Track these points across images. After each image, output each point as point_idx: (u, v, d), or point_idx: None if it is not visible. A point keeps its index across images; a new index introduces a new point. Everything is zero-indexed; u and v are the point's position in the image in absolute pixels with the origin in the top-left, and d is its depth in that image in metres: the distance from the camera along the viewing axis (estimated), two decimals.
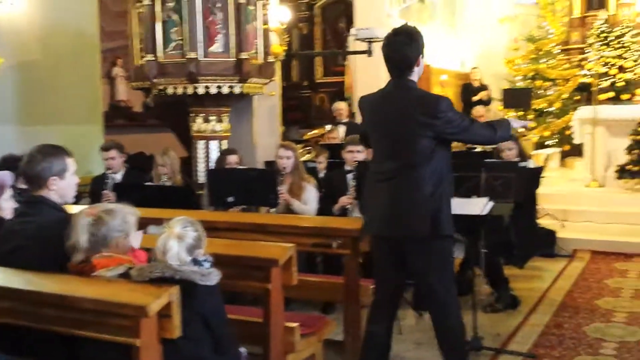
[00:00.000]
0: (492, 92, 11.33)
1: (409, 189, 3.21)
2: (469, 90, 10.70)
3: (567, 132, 10.36)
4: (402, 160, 3.24)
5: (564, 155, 11.74)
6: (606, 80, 11.60)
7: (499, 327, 4.58)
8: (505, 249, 4.96)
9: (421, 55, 3.27)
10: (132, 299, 2.37)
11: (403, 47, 3.20)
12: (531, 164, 5.52)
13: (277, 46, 6.72)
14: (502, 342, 4.31)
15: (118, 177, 5.56)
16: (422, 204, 3.18)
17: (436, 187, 3.21)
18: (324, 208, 5.18)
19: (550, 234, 6.80)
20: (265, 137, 6.98)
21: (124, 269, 2.60)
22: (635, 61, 11.57)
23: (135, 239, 2.76)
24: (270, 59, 6.06)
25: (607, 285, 5.60)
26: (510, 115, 11.49)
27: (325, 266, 5.05)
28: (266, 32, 5.99)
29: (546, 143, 11.82)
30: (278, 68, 7.11)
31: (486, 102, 10.65)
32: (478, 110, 8.97)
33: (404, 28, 3.31)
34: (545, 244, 6.67)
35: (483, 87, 10.85)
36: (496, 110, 11.68)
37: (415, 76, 3.29)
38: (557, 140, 11.77)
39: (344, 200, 5.07)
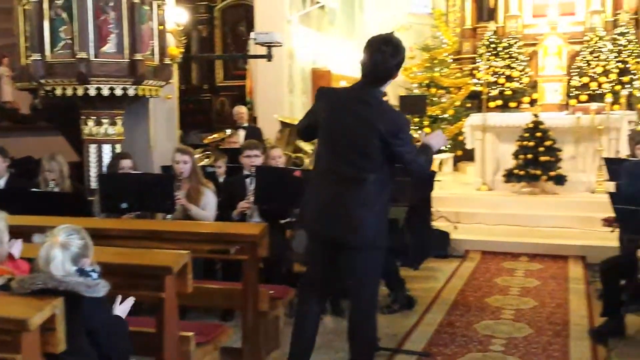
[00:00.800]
0: (390, 99, 11.62)
1: (358, 198, 3.23)
2: None
3: (460, 138, 10.80)
4: (357, 167, 3.23)
5: (457, 160, 12.27)
6: (495, 88, 12.28)
7: (396, 328, 4.69)
8: (401, 251, 5.08)
9: (398, 70, 3.29)
10: (12, 313, 2.22)
11: (388, 58, 3.19)
12: None
13: (174, 48, 6.56)
14: (398, 342, 4.41)
15: (1, 183, 5.23)
16: (369, 212, 3.23)
17: (381, 200, 3.28)
18: (224, 214, 5.11)
19: (444, 236, 7.05)
20: (163, 141, 6.79)
21: (3, 281, 2.44)
22: (521, 71, 12.31)
23: (16, 249, 2.59)
24: (167, 61, 5.90)
25: (497, 283, 5.87)
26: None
27: (224, 273, 4.98)
28: (162, 33, 5.84)
29: (440, 148, 12.27)
30: (176, 70, 6.95)
31: None
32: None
33: (392, 39, 3.28)
34: (440, 245, 6.91)
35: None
36: None
37: (385, 87, 3.32)
38: (450, 145, 12.28)
39: (242, 206, 5.02)
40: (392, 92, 12.54)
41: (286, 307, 4.33)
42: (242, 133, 7.64)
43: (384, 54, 3.19)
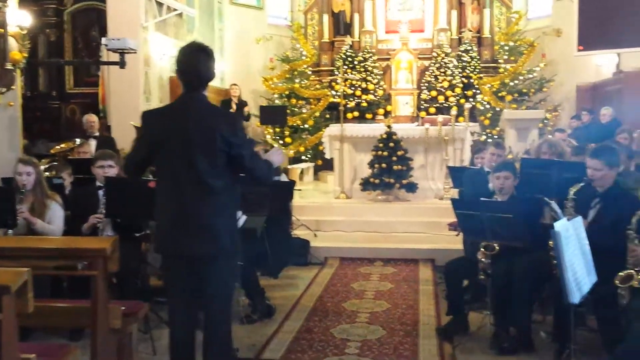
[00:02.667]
0: (251, 109, 11.67)
1: (210, 208, 3.20)
2: (228, 106, 10.88)
3: (320, 148, 11.06)
4: (205, 176, 3.19)
5: (318, 169, 12.56)
6: (353, 100, 12.73)
7: (255, 337, 4.69)
8: (261, 260, 5.11)
9: (214, 75, 3.33)
10: None
11: (202, 64, 3.23)
12: (284, 177, 5.78)
13: (17, 53, 6.12)
14: (257, 352, 4.41)
15: None
16: (223, 220, 3.22)
17: (231, 207, 3.30)
18: (73, 228, 4.84)
19: (304, 244, 7.17)
20: (4, 151, 6.31)
21: None
22: (376, 84, 12.86)
23: None
24: (9, 66, 5.50)
25: (353, 288, 6.07)
26: (268, 132, 11.99)
27: (72, 290, 4.70)
28: (3, 37, 5.44)
29: (302, 158, 12.54)
30: (19, 76, 6.48)
31: (245, 118, 10.93)
32: None
33: (202, 45, 3.33)
34: (300, 253, 7.03)
35: (242, 103, 11.13)
36: (254, 126, 12.10)
37: (206, 91, 3.32)
38: (311, 155, 12.56)
39: (93, 219, 4.78)
40: (254, 102, 12.64)
41: (140, 323, 4.18)
42: (93, 143, 7.29)
43: (202, 61, 3.26)
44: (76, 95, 11.77)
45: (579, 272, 2.90)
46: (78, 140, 7.30)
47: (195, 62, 3.23)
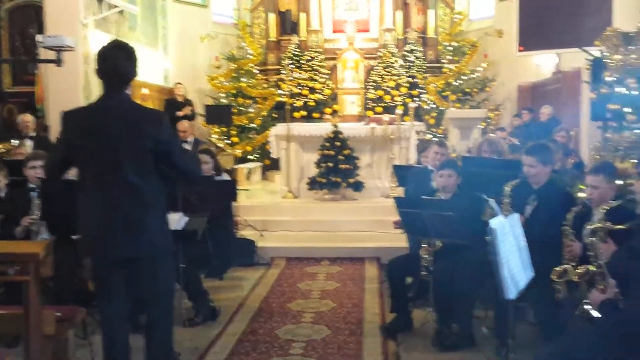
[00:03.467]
0: (196, 108, 11.51)
1: (140, 207, 3.14)
2: (173, 105, 10.69)
3: (267, 147, 10.99)
4: (134, 176, 3.12)
5: (266, 169, 12.48)
6: (300, 99, 12.71)
7: (198, 340, 4.61)
8: (204, 262, 5.03)
9: (135, 73, 3.29)
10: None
11: (122, 62, 3.19)
12: (225, 177, 5.70)
13: None
14: (199, 355, 4.34)
15: None
16: (153, 219, 3.16)
17: (162, 206, 3.23)
18: (6, 231, 4.65)
19: (249, 244, 7.10)
20: None
21: None
22: (323, 83, 12.88)
23: None
24: None
25: (299, 288, 6.04)
26: (214, 132, 11.85)
27: (7, 296, 4.52)
28: None
29: (249, 158, 12.44)
30: None
31: (190, 117, 10.76)
32: (183, 125, 8.99)
33: (122, 43, 3.30)
34: (245, 253, 6.96)
35: (187, 102, 10.95)
36: (200, 125, 11.93)
37: (129, 90, 3.29)
38: (259, 155, 12.47)
39: (26, 221, 4.61)
40: (199, 101, 12.48)
41: (78, 328, 4.05)
42: (29, 143, 7.05)
43: (121, 60, 3.22)
44: (14, 95, 11.34)
45: (515, 268, 2.95)
46: (15, 141, 7.04)
47: (114, 60, 3.19)
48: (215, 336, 4.70)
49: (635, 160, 4.27)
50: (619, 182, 4.04)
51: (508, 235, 2.98)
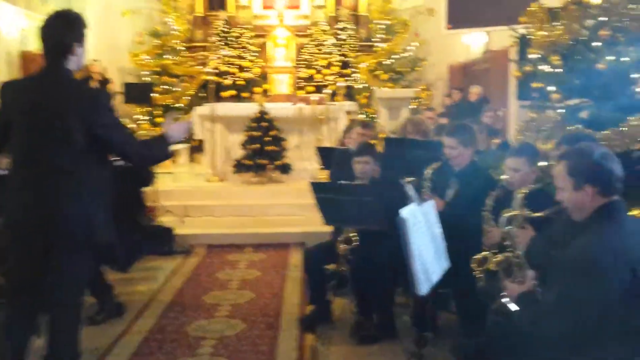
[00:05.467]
0: (116, 86, 10.89)
1: (64, 193, 2.88)
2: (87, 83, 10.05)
3: None
4: (52, 156, 2.87)
5: (195, 150, 11.99)
6: (228, 78, 12.24)
7: (100, 340, 4.22)
8: (107, 254, 4.60)
9: (79, 44, 3.01)
10: None
11: (58, 30, 2.97)
12: None
13: None
14: (99, 356, 3.97)
15: None
16: (76, 207, 2.88)
17: (93, 193, 2.95)
18: None
19: (167, 232, 6.69)
20: None
21: None
22: (252, 61, 12.44)
23: None
24: None
25: (218, 278, 5.71)
26: (136, 111, 11.28)
27: None
28: None
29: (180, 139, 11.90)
30: None
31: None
32: None
33: (65, 12, 3.08)
34: (162, 242, 6.56)
35: (105, 81, 10.32)
36: (120, 104, 11.31)
37: (73, 65, 3.01)
38: (185, 136, 11.94)
39: None
40: (122, 80, 11.83)
41: None
42: None
43: (50, 28, 3.00)
44: None
45: (429, 260, 2.71)
46: None
47: (52, 29, 2.97)
48: (118, 335, 4.32)
49: (556, 142, 4.12)
50: (542, 164, 3.88)
51: (420, 224, 2.74)
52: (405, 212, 2.59)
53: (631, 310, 2.20)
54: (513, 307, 2.60)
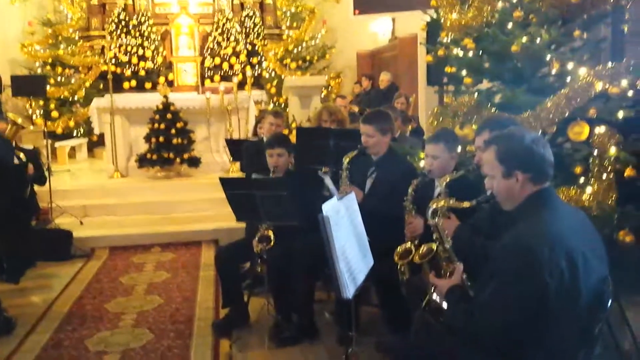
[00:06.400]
0: (5, 79, 10.00)
1: None
2: None
3: None
4: None
5: (93, 145, 11.30)
6: (129, 69, 11.60)
7: None
8: None
9: None
10: None
11: None
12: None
13: None
14: None
15: None
16: None
17: None
18: None
19: (64, 236, 6.16)
20: None
21: None
22: (154, 50, 11.83)
23: None
24: None
25: (122, 283, 5.27)
26: (31, 106, 10.47)
27: None
28: None
29: (73, 134, 11.18)
30: None
31: None
32: None
33: None
34: (59, 247, 6.03)
35: None
36: (14, 99, 10.44)
37: None
38: (84, 130, 11.23)
39: None
40: (11, 72, 10.90)
41: None
42: None
43: None
44: None
45: (353, 260, 2.49)
46: None
47: None
48: (7, 355, 3.84)
49: (475, 126, 4.02)
50: (459, 150, 3.75)
51: (343, 220, 2.51)
52: (327, 208, 2.34)
53: (570, 304, 2.06)
54: (443, 303, 2.41)
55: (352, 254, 2.48)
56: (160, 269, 5.67)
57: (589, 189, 3.56)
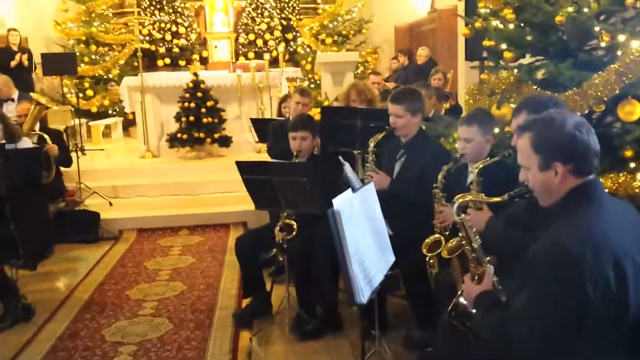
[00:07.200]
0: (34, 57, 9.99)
1: None
2: (7, 55, 9.17)
3: None
4: None
5: (128, 124, 11.24)
6: (162, 46, 11.49)
7: (2, 350, 3.64)
8: (10, 251, 3.99)
9: None
10: None
11: None
12: (26, 143, 4.59)
13: None
14: None
15: None
16: None
17: None
18: None
19: (92, 217, 6.08)
20: None
21: None
22: (188, 27, 11.68)
23: None
24: None
25: (146, 268, 5.15)
26: (65, 84, 10.43)
27: None
28: None
29: (109, 112, 11.16)
30: None
31: (28, 68, 9.33)
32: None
33: None
34: (87, 229, 5.96)
35: (22, 51, 9.39)
36: (50, 79, 10.44)
37: None
38: (119, 109, 11.18)
39: None
40: (46, 49, 10.89)
41: None
42: None
43: None
44: None
45: (369, 260, 2.24)
46: None
47: None
48: (23, 344, 3.74)
49: (513, 105, 3.69)
50: (496, 131, 3.44)
51: (358, 215, 2.25)
52: (338, 202, 2.09)
53: (616, 320, 1.77)
54: (472, 310, 2.15)
55: (368, 252, 2.23)
56: (187, 253, 5.53)
57: None
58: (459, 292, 2.27)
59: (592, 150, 1.90)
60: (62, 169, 5.96)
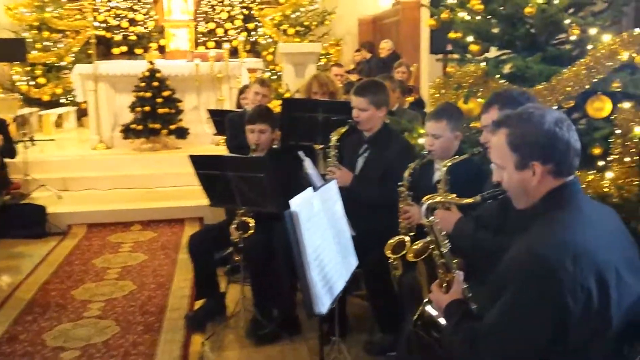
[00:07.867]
0: None
1: None
2: None
3: None
4: None
5: (81, 114, 10.80)
6: (119, 33, 11.10)
7: None
8: None
9: None
10: None
11: None
12: None
13: None
14: None
15: None
16: None
17: None
18: None
19: (37, 211, 5.76)
20: None
21: None
22: (145, 14, 11.31)
23: None
24: None
25: (94, 266, 4.87)
26: (15, 71, 9.97)
27: None
28: None
29: (61, 101, 10.70)
30: None
31: None
32: None
33: None
34: (32, 223, 5.63)
35: None
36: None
37: None
38: (73, 97, 10.74)
39: None
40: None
41: None
42: None
43: None
44: None
45: (330, 265, 2.06)
46: None
47: None
48: None
49: (481, 100, 3.56)
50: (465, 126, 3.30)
51: (319, 217, 2.06)
52: (296, 202, 1.90)
53: (597, 334, 1.63)
54: (441, 320, 1.98)
55: (329, 257, 2.04)
56: (138, 250, 5.26)
57: (609, 174, 3.10)
58: (425, 300, 2.10)
59: (572, 148, 1.76)
60: (6, 160, 5.63)
